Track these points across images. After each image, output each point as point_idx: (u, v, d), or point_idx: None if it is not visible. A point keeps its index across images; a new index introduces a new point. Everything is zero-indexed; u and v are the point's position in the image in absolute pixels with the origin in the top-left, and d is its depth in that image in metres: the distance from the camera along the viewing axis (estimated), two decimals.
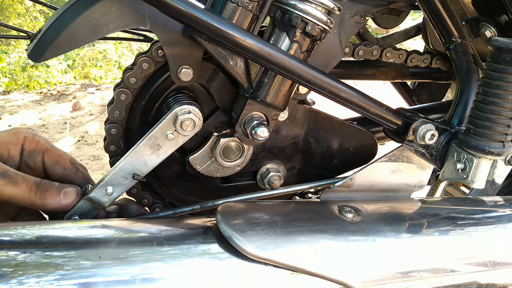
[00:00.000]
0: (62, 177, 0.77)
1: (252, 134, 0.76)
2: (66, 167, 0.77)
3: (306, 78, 0.69)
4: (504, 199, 0.94)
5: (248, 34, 0.65)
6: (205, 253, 0.64)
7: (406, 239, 0.74)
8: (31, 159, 0.75)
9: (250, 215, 0.70)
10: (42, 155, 0.76)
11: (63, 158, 0.77)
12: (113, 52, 8.47)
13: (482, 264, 0.78)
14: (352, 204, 0.80)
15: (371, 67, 1.20)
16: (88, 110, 5.25)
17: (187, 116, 0.73)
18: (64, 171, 0.76)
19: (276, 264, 0.64)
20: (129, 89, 0.77)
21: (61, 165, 0.76)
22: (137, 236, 0.65)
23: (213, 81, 0.80)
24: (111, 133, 0.80)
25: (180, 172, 0.89)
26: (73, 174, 0.77)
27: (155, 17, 0.69)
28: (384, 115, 0.77)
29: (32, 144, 0.75)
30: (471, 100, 0.84)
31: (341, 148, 0.96)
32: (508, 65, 0.68)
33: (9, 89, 6.36)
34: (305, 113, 0.89)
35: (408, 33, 1.39)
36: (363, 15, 0.85)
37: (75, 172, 0.77)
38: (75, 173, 0.77)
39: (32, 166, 0.75)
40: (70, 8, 0.66)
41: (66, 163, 0.77)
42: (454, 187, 1.39)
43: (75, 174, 0.77)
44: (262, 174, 0.92)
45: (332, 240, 0.69)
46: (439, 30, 0.93)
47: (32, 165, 0.75)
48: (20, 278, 0.53)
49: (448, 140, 0.79)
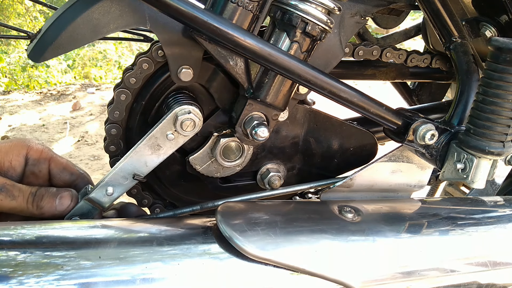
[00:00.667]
0: (68, 183, 0.79)
1: (252, 134, 0.76)
2: (73, 173, 0.79)
3: (306, 78, 0.69)
4: (504, 199, 0.94)
5: (248, 34, 0.65)
6: (205, 253, 0.64)
7: (406, 239, 0.74)
8: (36, 167, 0.76)
9: (250, 215, 0.70)
10: (48, 163, 0.77)
11: (69, 166, 0.80)
12: (113, 52, 8.47)
13: (482, 264, 0.78)
14: (352, 204, 0.80)
15: (371, 67, 1.20)
16: (88, 110, 5.25)
17: (187, 116, 0.73)
18: (71, 176, 0.79)
19: (276, 264, 0.64)
20: (129, 89, 0.77)
21: (68, 171, 0.79)
22: (137, 236, 0.65)
23: (213, 81, 0.80)
24: (111, 133, 0.80)
25: (180, 172, 0.89)
26: (80, 180, 0.79)
27: (155, 17, 0.69)
28: (384, 115, 0.77)
29: (37, 153, 0.76)
30: (471, 100, 0.84)
31: (341, 148, 0.96)
32: (508, 65, 0.68)
33: (9, 89, 6.36)
34: (305, 113, 0.89)
35: (408, 33, 1.39)
36: (363, 15, 0.85)
37: (81, 177, 0.80)
38: (81, 178, 0.80)
39: (38, 173, 0.77)
40: (70, 8, 0.66)
41: (73, 169, 0.79)
42: (454, 187, 1.39)
43: (81, 180, 0.79)
44: (262, 174, 0.92)
45: (332, 240, 0.69)
46: (439, 30, 0.93)
47: (38, 173, 0.77)
48: (20, 278, 0.53)
49: (448, 140, 0.79)
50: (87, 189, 0.76)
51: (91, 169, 3.75)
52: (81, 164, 3.80)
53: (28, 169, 0.76)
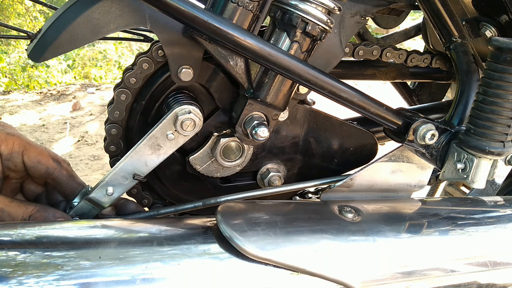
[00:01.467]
0: (45, 175, 0.74)
1: (252, 134, 0.76)
2: (48, 166, 0.73)
3: (306, 78, 0.69)
4: (504, 199, 0.94)
5: (248, 34, 0.65)
6: (205, 253, 0.64)
7: (406, 239, 0.74)
8: (11, 162, 0.72)
9: (250, 215, 0.70)
10: (22, 156, 0.72)
11: (45, 156, 0.74)
12: (113, 52, 8.46)
13: (482, 264, 0.78)
14: (352, 204, 0.80)
15: (371, 67, 1.20)
16: (88, 110, 5.24)
17: (187, 116, 0.73)
18: (47, 169, 0.73)
19: (276, 264, 0.64)
20: (129, 89, 0.77)
21: (43, 165, 0.73)
22: (137, 236, 0.65)
23: (213, 81, 0.80)
24: (111, 133, 0.80)
25: (180, 172, 0.89)
26: (57, 172, 0.74)
27: (156, 17, 0.69)
28: (385, 115, 0.77)
29: (9, 145, 0.71)
30: (471, 100, 0.84)
31: (341, 148, 0.96)
32: (508, 65, 0.68)
33: (9, 89, 6.36)
34: (305, 113, 0.89)
35: (408, 33, 1.39)
36: (363, 15, 0.85)
37: (58, 170, 0.74)
38: (59, 171, 0.74)
39: (14, 168, 0.72)
40: (70, 8, 0.66)
41: (48, 161, 0.74)
42: (454, 187, 1.39)
43: (59, 172, 0.74)
44: (262, 174, 0.92)
45: (332, 240, 0.69)
46: (439, 30, 0.93)
47: (13, 168, 0.72)
48: (20, 278, 0.53)
49: (448, 140, 0.79)
50: (87, 189, 0.76)
51: (91, 169, 3.75)
52: (81, 164, 3.80)
53: (4, 165, 0.71)
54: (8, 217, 0.67)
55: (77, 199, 0.76)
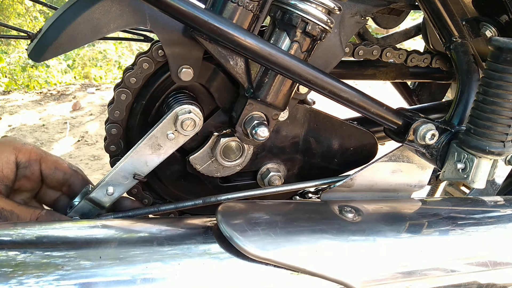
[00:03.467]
0: (62, 182, 0.77)
1: (252, 134, 0.76)
2: (65, 172, 0.76)
3: (306, 78, 0.69)
4: (504, 199, 0.94)
5: (248, 34, 0.65)
6: (205, 253, 0.64)
7: (407, 239, 0.74)
8: (28, 170, 0.74)
9: (250, 215, 0.70)
10: (39, 164, 0.74)
11: (61, 164, 0.77)
12: (113, 52, 8.46)
13: (482, 264, 0.78)
14: (353, 204, 0.80)
15: (371, 67, 1.20)
16: (88, 110, 5.24)
17: (187, 115, 0.73)
18: (64, 175, 0.76)
19: (276, 264, 0.64)
20: (130, 89, 0.77)
21: (61, 171, 0.76)
22: (138, 236, 0.65)
23: (213, 81, 0.80)
24: (111, 133, 0.80)
25: (181, 172, 0.89)
26: (73, 178, 0.77)
27: (156, 17, 0.69)
28: (385, 115, 0.77)
29: (26, 154, 0.73)
30: (471, 100, 0.84)
31: (341, 148, 0.96)
32: (508, 65, 0.68)
33: (9, 89, 6.36)
34: (305, 113, 0.89)
35: (408, 33, 1.39)
36: (363, 15, 0.85)
37: (75, 175, 0.77)
38: (75, 176, 0.77)
39: (30, 176, 0.74)
40: (71, 8, 0.66)
41: (65, 167, 0.77)
42: (454, 187, 1.39)
43: (75, 177, 0.77)
44: (263, 174, 0.92)
45: (332, 240, 0.69)
46: (439, 30, 0.93)
47: (30, 175, 0.74)
48: (20, 278, 0.53)
49: (449, 140, 0.79)
50: (87, 189, 0.76)
51: (91, 169, 3.75)
52: (81, 164, 3.80)
53: (20, 173, 0.73)
54: (16, 219, 0.68)
55: (77, 198, 0.76)
